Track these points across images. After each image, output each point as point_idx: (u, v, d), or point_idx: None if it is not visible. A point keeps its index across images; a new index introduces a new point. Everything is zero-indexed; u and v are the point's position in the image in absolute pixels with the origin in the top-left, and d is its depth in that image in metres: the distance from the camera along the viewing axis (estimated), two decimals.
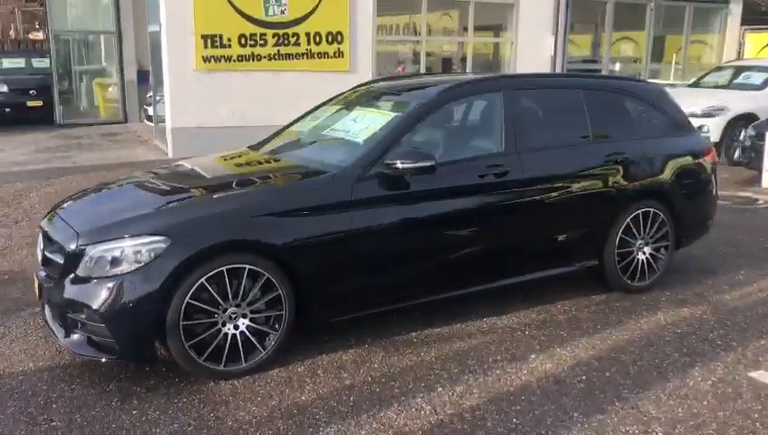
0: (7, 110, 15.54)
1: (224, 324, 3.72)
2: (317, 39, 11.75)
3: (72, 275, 3.66)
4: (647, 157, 5.09)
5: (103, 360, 3.71)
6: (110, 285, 3.53)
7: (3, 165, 10.54)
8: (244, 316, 3.77)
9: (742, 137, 9.51)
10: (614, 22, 14.49)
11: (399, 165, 4.04)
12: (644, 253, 5.14)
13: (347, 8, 11.87)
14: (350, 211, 3.97)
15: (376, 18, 12.18)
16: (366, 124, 4.52)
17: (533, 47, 13.47)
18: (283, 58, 11.57)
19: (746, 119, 10.65)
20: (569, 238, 4.81)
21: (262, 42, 11.38)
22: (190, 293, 3.57)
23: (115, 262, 3.57)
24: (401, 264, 4.22)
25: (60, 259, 3.78)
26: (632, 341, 4.33)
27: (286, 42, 11.55)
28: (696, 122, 8.08)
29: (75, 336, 3.69)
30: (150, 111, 13.70)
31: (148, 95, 14.05)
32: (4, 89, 15.72)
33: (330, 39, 11.85)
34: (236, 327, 3.76)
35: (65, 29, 15.64)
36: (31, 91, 15.74)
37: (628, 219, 4.98)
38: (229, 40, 11.15)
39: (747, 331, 4.50)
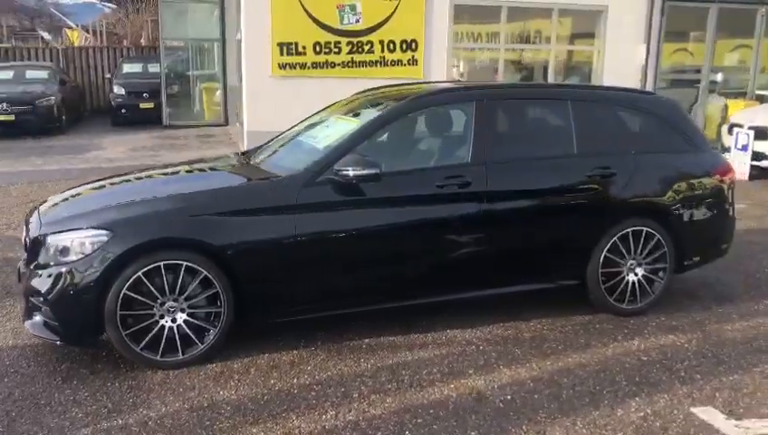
0: (123, 111, 16.91)
1: (162, 317, 3.93)
2: (391, 47, 11.90)
3: (35, 263, 4.01)
4: (641, 173, 4.80)
5: (58, 343, 4.03)
6: (58, 272, 3.84)
7: (95, 162, 11.50)
8: (183, 311, 3.96)
9: None
10: (717, 29, 13.56)
11: (345, 172, 4.09)
12: (636, 274, 4.85)
13: (422, 16, 11.92)
14: (293, 215, 4.07)
15: (452, 26, 12.14)
16: (334, 132, 4.60)
17: (623, 56, 12.87)
18: (357, 65, 11.80)
19: None
20: (540, 254, 4.65)
21: (336, 49, 11.68)
22: (127, 284, 3.80)
23: (64, 251, 3.87)
24: (348, 270, 4.26)
25: (30, 247, 4.15)
26: (586, 365, 4.12)
27: (360, 49, 11.78)
28: None
29: (35, 319, 4.03)
30: None
31: None
32: (122, 92, 17.10)
33: (404, 47, 11.95)
34: (174, 320, 3.96)
35: (175, 36, 16.76)
36: (144, 94, 16.99)
37: (614, 238, 4.73)
38: (304, 48, 11.53)
39: (723, 364, 4.15)
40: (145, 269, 3.82)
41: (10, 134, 14.99)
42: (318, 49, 11.61)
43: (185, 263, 3.89)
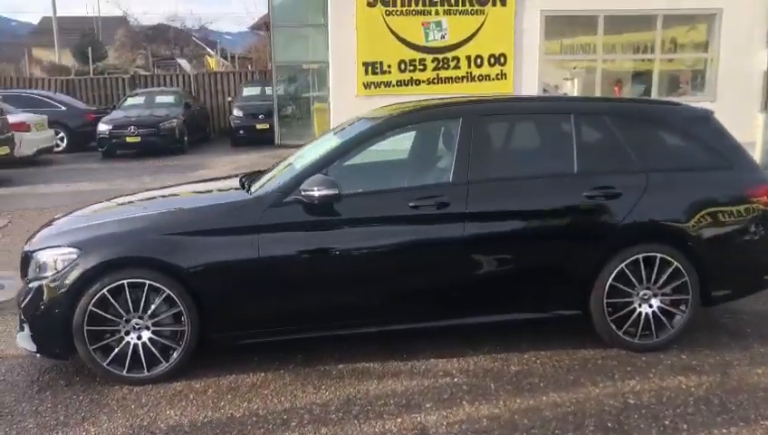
0: (241, 132, 17.83)
1: (127, 334, 4.03)
2: (478, 62, 11.65)
3: (26, 278, 4.26)
4: (655, 193, 4.30)
5: (37, 355, 4.24)
6: (37, 287, 4.05)
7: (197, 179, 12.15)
8: (147, 329, 4.04)
9: None
10: None
11: (310, 192, 4.01)
12: (650, 306, 4.35)
13: (511, 29, 11.58)
14: (257, 236, 4.03)
15: (543, 38, 11.68)
16: (318, 151, 4.53)
17: (740, 63, 11.77)
18: (443, 82, 11.66)
19: None
20: (530, 282, 4.29)
21: (421, 67, 11.61)
22: (93, 301, 3.94)
23: (42, 267, 4.09)
24: (314, 293, 4.15)
25: None
26: (560, 405, 3.73)
27: (446, 65, 11.63)
28: None
29: (24, 331, 4.27)
30: None
31: None
32: (241, 114, 18.05)
33: (492, 61, 11.66)
34: (140, 338, 4.05)
35: (286, 60, 17.42)
36: (260, 116, 17.82)
37: (621, 265, 4.27)
38: (389, 66, 11.57)
39: (725, 414, 3.60)
40: (109, 287, 3.94)
41: (136, 154, 16.30)
42: (403, 67, 11.60)
43: (148, 281, 3.97)
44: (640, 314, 4.35)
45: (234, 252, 4.03)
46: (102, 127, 16.29)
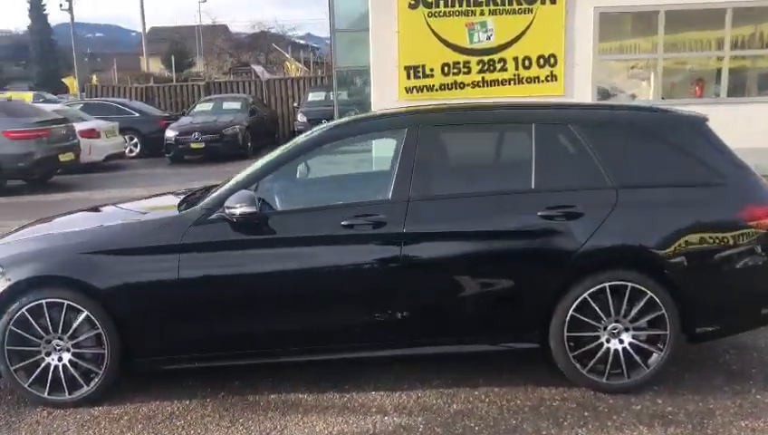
0: None
1: (48, 354, 3.89)
2: (526, 63, 11.02)
3: None
4: (625, 212, 3.75)
5: None
6: None
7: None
8: (68, 350, 3.89)
9: None
10: None
11: (232, 210, 3.74)
12: (621, 341, 3.80)
13: (562, 28, 10.87)
14: (178, 255, 3.80)
15: (597, 36, 10.91)
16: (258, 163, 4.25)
17: None
18: (488, 85, 11.11)
19: None
20: (474, 310, 3.84)
21: (465, 69, 11.12)
22: (12, 320, 3.82)
23: None
24: (241, 318, 3.87)
25: None
26: None
27: (492, 68, 11.08)
28: None
29: None
30: None
31: None
32: (304, 119, 18.10)
33: (541, 62, 11.00)
34: (60, 359, 3.90)
35: (347, 64, 17.26)
36: (323, 121, 17.74)
37: (585, 294, 3.75)
38: (432, 70, 11.15)
39: None
40: (28, 306, 3.82)
41: (201, 160, 16.62)
42: (446, 70, 11.15)
43: (66, 302, 3.81)
44: (608, 350, 3.81)
45: (152, 273, 3.81)
46: (169, 133, 16.73)
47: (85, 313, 3.81)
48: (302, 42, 36.26)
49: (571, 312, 3.76)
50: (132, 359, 3.92)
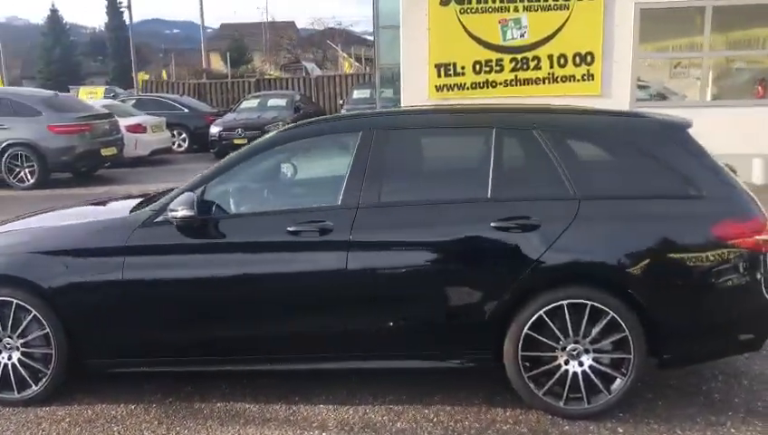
0: None
1: None
2: (561, 61, 10.63)
3: None
4: (586, 226, 3.47)
5: None
6: None
7: None
8: (18, 349, 3.89)
9: None
10: None
11: (173, 212, 3.65)
12: (581, 364, 3.54)
13: (600, 25, 10.44)
14: (122, 258, 3.74)
15: (638, 34, 10.42)
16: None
17: None
18: (521, 84, 10.78)
19: None
20: (423, 325, 3.63)
21: (498, 68, 10.81)
22: None
23: None
24: (185, 323, 3.78)
25: None
26: None
27: (525, 66, 10.74)
28: None
29: None
30: None
31: None
32: None
33: (577, 60, 10.59)
34: (10, 358, 3.90)
35: (390, 61, 17.10)
36: None
37: (540, 311, 3.50)
38: (463, 68, 10.89)
39: None
40: None
41: None
42: (478, 68, 10.87)
43: (15, 301, 3.81)
44: (567, 372, 3.54)
45: (98, 274, 3.76)
46: (214, 129, 16.95)
47: (33, 312, 3.79)
48: (369, 37, 36.26)
49: (525, 330, 3.51)
50: (82, 360, 3.88)
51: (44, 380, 3.87)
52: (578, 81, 10.63)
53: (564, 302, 3.47)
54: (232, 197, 3.92)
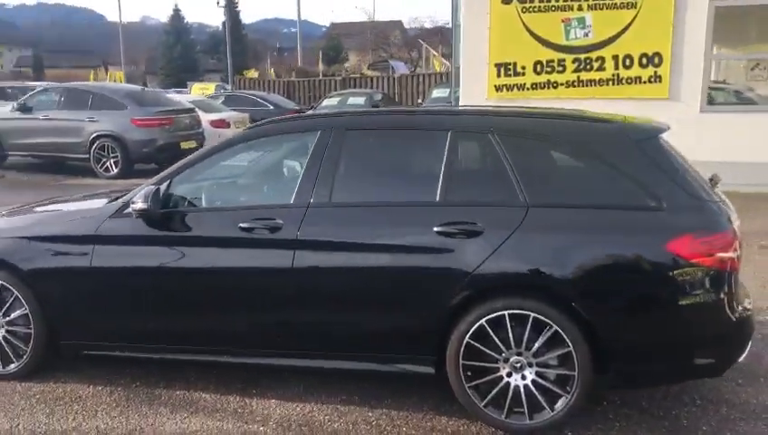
0: None
1: None
2: (627, 62, 10.16)
3: None
4: (533, 234, 3.32)
5: None
6: None
7: None
8: (2, 327, 4.16)
9: None
10: None
11: (133, 205, 3.80)
12: (523, 377, 3.40)
13: (669, 25, 9.89)
14: (91, 246, 3.93)
15: (711, 34, 9.80)
16: None
17: None
18: (584, 85, 10.40)
19: None
20: (366, 328, 3.60)
21: (559, 68, 10.48)
22: None
23: None
24: (146, 312, 3.92)
25: None
26: None
27: (588, 67, 10.35)
28: None
29: None
30: None
31: None
32: None
33: (644, 62, 10.10)
34: None
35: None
36: None
37: (481, 320, 3.39)
38: (523, 68, 10.63)
39: None
40: None
41: None
42: (539, 69, 10.58)
43: (0, 282, 4.09)
44: (509, 384, 3.41)
45: (69, 260, 3.97)
46: None
47: (15, 293, 4.05)
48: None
49: (467, 339, 3.41)
50: (58, 341, 4.11)
51: (24, 357, 4.12)
52: (644, 82, 10.14)
53: (505, 312, 3.34)
54: (194, 192, 4.03)
